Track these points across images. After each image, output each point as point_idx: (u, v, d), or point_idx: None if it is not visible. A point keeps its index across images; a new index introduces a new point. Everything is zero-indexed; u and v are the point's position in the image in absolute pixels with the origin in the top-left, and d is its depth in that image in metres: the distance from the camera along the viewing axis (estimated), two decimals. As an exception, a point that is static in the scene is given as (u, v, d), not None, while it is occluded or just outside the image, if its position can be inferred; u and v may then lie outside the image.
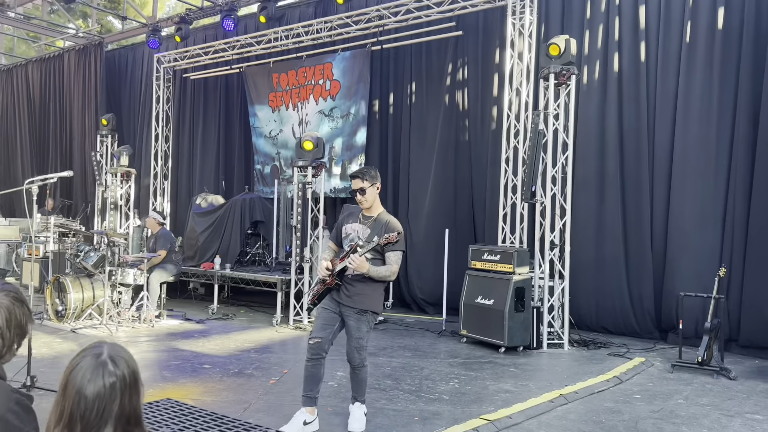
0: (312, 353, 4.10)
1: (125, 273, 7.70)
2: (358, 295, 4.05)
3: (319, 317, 4.17)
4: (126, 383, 1.55)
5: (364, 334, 4.10)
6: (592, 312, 8.02)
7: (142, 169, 12.75)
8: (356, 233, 4.15)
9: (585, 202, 8.03)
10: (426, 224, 9.40)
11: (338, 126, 10.18)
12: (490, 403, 4.85)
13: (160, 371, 5.60)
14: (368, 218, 4.17)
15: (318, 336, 4.09)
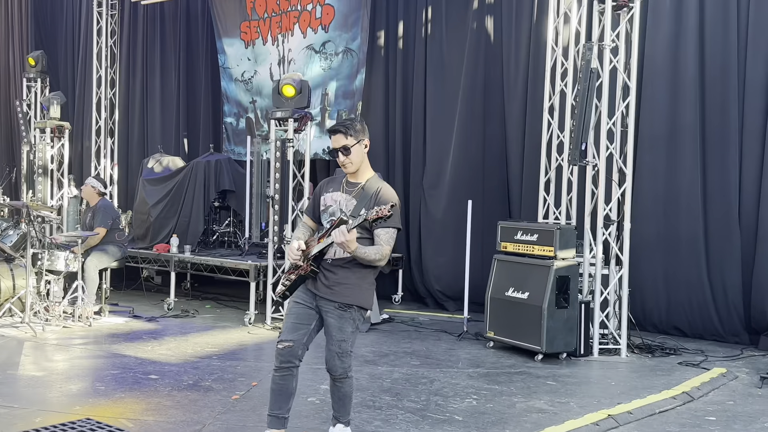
0: (281, 361, 4.08)
1: (55, 257, 7.75)
2: (340, 284, 4.02)
3: (290, 314, 4.14)
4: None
5: (348, 335, 4.06)
6: (661, 308, 7.99)
7: (82, 123, 12.78)
8: (338, 205, 4.10)
9: (651, 164, 7.92)
10: (446, 196, 9.38)
11: (332, 66, 10.10)
12: (516, 425, 4.83)
13: (92, 383, 5.64)
14: (354, 185, 4.13)
15: (288, 339, 4.08)
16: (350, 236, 3.79)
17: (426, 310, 9.41)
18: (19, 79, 13.26)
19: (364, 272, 4.07)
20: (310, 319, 4.11)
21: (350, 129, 4.06)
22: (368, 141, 4.16)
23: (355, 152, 4.07)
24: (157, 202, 9.73)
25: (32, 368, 6.03)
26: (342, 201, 4.11)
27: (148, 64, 12.53)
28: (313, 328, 4.14)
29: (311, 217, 4.31)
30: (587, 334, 6.96)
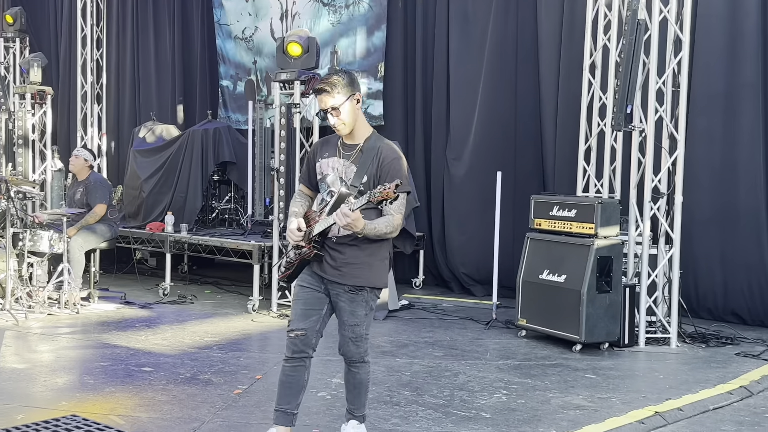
0: (293, 351, 4.09)
1: (38, 237, 7.83)
2: (349, 265, 4.00)
3: (298, 300, 4.14)
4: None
5: (361, 319, 4.06)
6: (716, 292, 7.98)
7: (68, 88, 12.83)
8: (336, 173, 4.05)
9: (706, 129, 7.85)
10: (471, 166, 9.37)
11: (342, 20, 10.06)
12: (550, 423, 4.85)
13: (80, 376, 5.73)
14: (351, 148, 4.05)
15: (300, 327, 4.07)
16: (354, 216, 3.73)
17: (450, 295, 9.44)
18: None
19: (374, 248, 4.03)
20: (320, 304, 4.11)
21: (337, 85, 3.93)
22: (360, 94, 4.04)
23: (345, 111, 3.96)
24: (149, 176, 9.79)
25: (14, 360, 6.12)
26: (340, 168, 4.04)
27: (139, 21, 12.53)
28: (325, 313, 4.14)
29: (307, 184, 4.26)
30: (632, 321, 6.95)
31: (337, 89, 3.93)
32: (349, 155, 4.04)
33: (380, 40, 9.84)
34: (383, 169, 3.94)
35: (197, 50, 11.96)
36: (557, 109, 8.85)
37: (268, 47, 10.73)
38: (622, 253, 6.93)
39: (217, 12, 11.44)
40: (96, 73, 12.30)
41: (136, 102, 12.59)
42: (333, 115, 3.96)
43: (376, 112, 10.05)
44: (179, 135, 10.03)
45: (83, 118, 12.27)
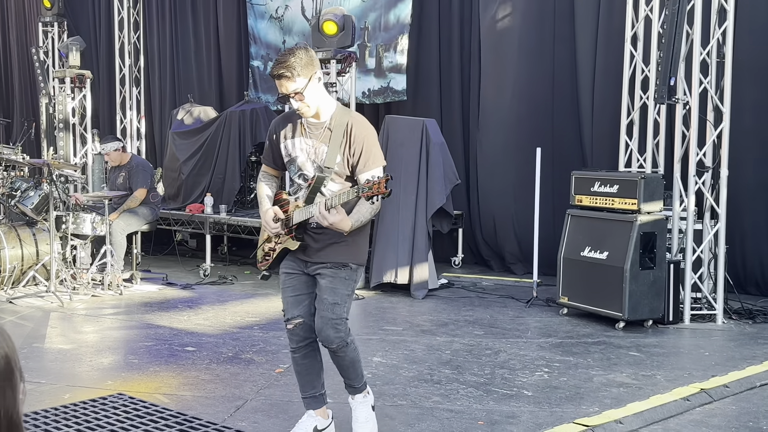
0: (297, 341, 4.05)
1: (80, 220, 7.97)
2: (332, 245, 3.89)
3: (286, 288, 4.06)
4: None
5: (342, 298, 3.91)
6: (765, 267, 7.91)
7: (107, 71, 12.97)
8: (306, 155, 3.89)
9: (753, 100, 7.72)
10: (509, 142, 9.33)
11: None
12: (593, 401, 4.84)
13: (124, 356, 5.84)
14: (318, 127, 3.87)
15: (296, 315, 4.01)
16: (337, 217, 3.64)
17: (490, 273, 9.44)
18: (34, 23, 13.51)
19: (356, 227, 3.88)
20: (308, 287, 4.01)
21: (294, 68, 3.70)
22: (320, 71, 3.87)
23: (309, 92, 3.75)
24: (188, 158, 9.89)
25: (60, 340, 6.26)
26: (308, 149, 3.88)
27: (175, 4, 12.60)
28: (315, 294, 4.00)
29: (272, 165, 4.11)
30: (677, 298, 6.90)
31: (297, 71, 3.70)
32: (318, 134, 3.87)
33: (403, 12, 9.74)
34: (355, 146, 3.81)
35: (233, 31, 12.00)
36: (594, 83, 8.75)
37: (298, 25, 10.77)
38: (666, 228, 6.89)
39: (249, -9, 11.48)
40: (134, 56, 12.42)
41: (174, 84, 12.69)
42: (296, 99, 3.76)
43: (398, 86, 9.96)
44: (217, 116, 10.10)
45: (122, 101, 12.42)
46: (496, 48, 9.40)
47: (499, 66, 9.39)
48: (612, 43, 8.37)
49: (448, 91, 9.99)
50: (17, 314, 7.09)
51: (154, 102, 12.81)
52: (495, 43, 9.39)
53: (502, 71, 9.35)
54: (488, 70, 9.45)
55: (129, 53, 12.36)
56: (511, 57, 9.27)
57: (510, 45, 9.27)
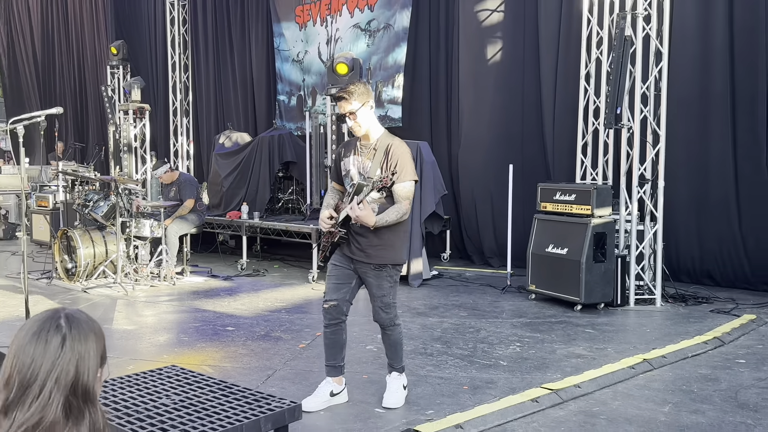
0: (329, 319, 4.09)
1: (141, 225, 7.95)
2: (373, 247, 3.93)
3: (331, 275, 4.10)
4: (74, 345, 1.57)
5: (387, 290, 4.02)
6: (695, 258, 7.81)
7: (162, 104, 12.99)
8: (356, 169, 3.98)
9: (684, 126, 7.66)
10: (487, 159, 9.24)
11: (375, 41, 10.03)
12: (557, 369, 4.81)
13: (177, 335, 5.83)
14: (367, 147, 3.97)
15: (333, 298, 4.05)
16: (363, 212, 3.69)
17: (472, 266, 9.40)
18: (104, 66, 13.53)
19: (392, 231, 3.96)
20: (349, 278, 4.06)
21: (353, 93, 3.85)
22: (373, 102, 3.98)
23: (361, 116, 3.88)
24: (228, 174, 9.87)
25: (125, 323, 6.26)
26: (359, 164, 3.98)
27: (214, 50, 12.62)
28: (354, 286, 4.09)
29: (336, 181, 4.21)
30: (623, 285, 6.84)
31: (354, 97, 3.84)
32: (366, 153, 3.97)
33: (400, 55, 9.74)
34: (391, 162, 3.86)
35: (263, 71, 12.01)
36: (555, 112, 8.69)
37: (315, 67, 10.78)
38: (614, 229, 6.82)
39: (277, 40, 11.47)
40: (183, 92, 12.43)
41: (216, 114, 12.69)
42: (350, 119, 3.89)
43: (395, 115, 9.97)
44: (251, 140, 10.08)
45: (175, 128, 12.42)
46: (475, 84, 9.34)
47: (477, 99, 9.33)
48: (569, 79, 8.30)
49: (436, 119, 9.96)
50: (90, 301, 7.08)
51: (201, 129, 12.82)
52: (474, 81, 9.32)
53: (480, 103, 9.29)
54: (469, 103, 9.40)
55: (180, 90, 12.37)
56: (488, 92, 9.20)
57: (486, 82, 9.21)
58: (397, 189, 3.86)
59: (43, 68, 16.18)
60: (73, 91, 15.29)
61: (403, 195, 3.87)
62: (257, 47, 12.03)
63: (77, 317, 1.67)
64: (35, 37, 16.20)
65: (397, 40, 9.74)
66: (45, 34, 15.94)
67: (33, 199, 10.86)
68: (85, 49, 14.88)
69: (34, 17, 16.18)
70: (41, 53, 16.12)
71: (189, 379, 3.41)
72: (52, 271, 8.02)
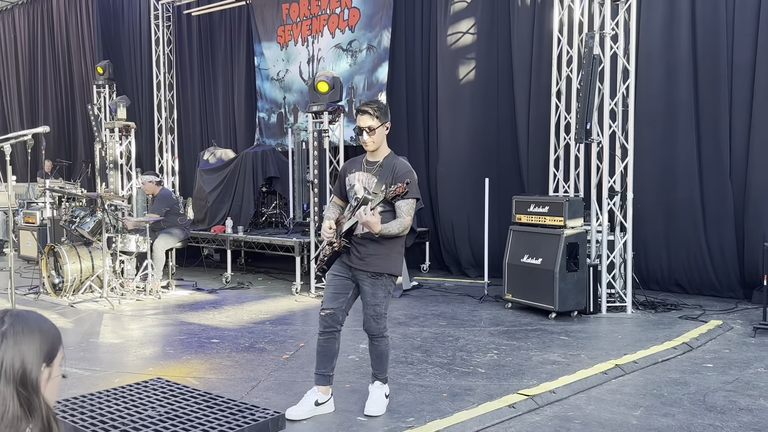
0: (324, 326, 4.10)
1: (127, 240, 7.87)
2: (371, 256, 4.00)
3: (330, 285, 4.14)
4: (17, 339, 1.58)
5: (381, 300, 4.06)
6: (663, 267, 7.89)
7: (148, 122, 12.91)
8: (361, 184, 4.06)
9: (651, 139, 7.77)
10: (464, 174, 9.27)
11: (357, 61, 10.05)
12: (533, 376, 4.82)
13: (162, 347, 5.76)
14: (373, 164, 4.06)
15: (330, 307, 4.09)
16: (373, 218, 3.74)
17: (451, 277, 9.40)
18: (90, 85, 13.43)
19: (392, 243, 4.03)
20: (347, 288, 4.11)
21: (377, 111, 4.00)
22: (390, 124, 4.10)
23: (378, 133, 4.01)
24: (213, 189, 9.81)
25: (111, 336, 6.17)
26: (364, 179, 4.05)
27: (200, 69, 12.59)
28: (351, 296, 4.14)
29: (339, 196, 4.27)
30: (596, 293, 6.90)
31: (378, 114, 3.98)
32: (371, 169, 4.06)
33: (382, 75, 9.79)
34: (396, 179, 3.94)
35: (243, 90, 11.96)
36: (528, 127, 8.76)
37: (297, 85, 10.80)
38: (586, 239, 6.88)
39: (258, 59, 11.47)
40: (168, 110, 12.37)
41: (201, 132, 12.64)
42: (367, 134, 3.99)
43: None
44: (235, 156, 10.04)
45: (160, 145, 12.34)
46: (452, 102, 9.38)
47: (454, 116, 9.37)
48: (542, 96, 8.39)
49: (414, 134, 9.97)
50: (77, 315, 6.98)
51: (186, 146, 12.75)
52: (451, 98, 9.37)
53: (457, 120, 9.33)
54: (446, 119, 9.43)
55: (165, 108, 12.31)
56: (464, 109, 9.25)
57: (462, 99, 9.26)
58: (401, 205, 3.93)
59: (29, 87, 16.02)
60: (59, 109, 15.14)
61: (406, 211, 3.94)
62: (239, 66, 12.00)
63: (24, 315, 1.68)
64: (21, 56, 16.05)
65: (380, 60, 9.78)
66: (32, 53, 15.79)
67: (20, 216, 10.71)
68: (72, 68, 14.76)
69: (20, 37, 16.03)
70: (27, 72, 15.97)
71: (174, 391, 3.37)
72: (40, 286, 7.91)
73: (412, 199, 3.94)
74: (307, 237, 8.34)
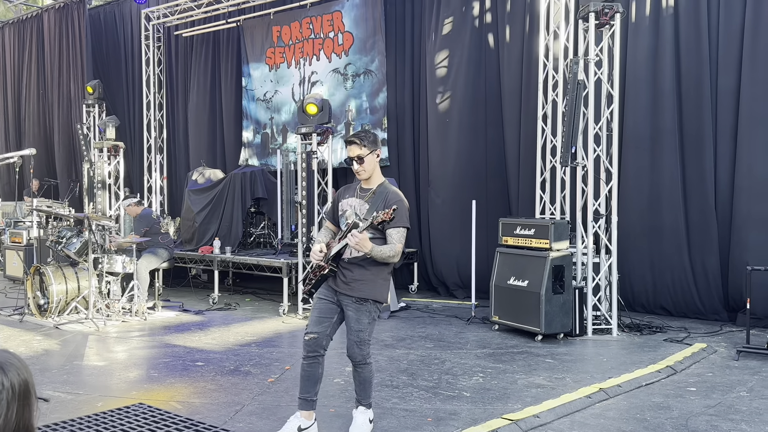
0: (308, 351, 4.09)
1: (113, 261, 7.85)
2: (357, 281, 4.01)
3: (315, 309, 4.14)
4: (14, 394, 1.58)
5: (365, 326, 4.06)
6: (648, 290, 7.93)
7: (138, 141, 12.91)
8: (353, 209, 4.09)
9: (636, 163, 7.85)
10: (453, 196, 9.32)
11: (354, 85, 10.13)
12: (517, 400, 4.83)
13: (147, 371, 5.71)
14: (366, 191, 4.12)
15: (314, 331, 4.08)
16: (362, 237, 3.77)
17: (438, 298, 9.41)
18: (79, 105, 13.43)
19: (378, 269, 4.05)
20: (332, 313, 4.10)
21: (364, 140, 4.02)
22: (380, 151, 4.15)
23: (368, 161, 4.03)
24: (201, 210, 9.81)
25: (95, 358, 6.12)
26: (356, 205, 4.09)
27: (190, 89, 12.62)
28: (336, 321, 4.13)
29: (331, 220, 4.31)
30: (581, 316, 6.92)
31: (365, 143, 4.00)
32: (364, 196, 4.10)
33: (384, 99, 9.89)
34: (387, 206, 3.96)
35: (232, 110, 11.98)
36: (518, 149, 8.83)
37: (287, 106, 10.86)
38: (571, 262, 6.92)
39: (245, 80, 11.55)
40: (158, 130, 12.38)
41: (189, 152, 12.63)
42: (357, 163, 4.03)
43: (383, 155, 10.03)
44: (224, 177, 10.06)
45: (149, 165, 12.34)
46: (441, 126, 9.42)
47: (444, 140, 9.40)
48: (530, 120, 8.48)
49: (403, 157, 10.03)
50: (62, 337, 6.93)
51: (175, 166, 12.75)
52: (440, 122, 9.43)
53: (447, 144, 9.37)
54: (436, 143, 9.50)
55: (154, 128, 12.32)
56: (454, 133, 9.29)
57: (452, 125, 9.32)
58: (392, 232, 3.96)
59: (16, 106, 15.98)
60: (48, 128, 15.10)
61: (397, 238, 3.97)
62: (228, 87, 12.04)
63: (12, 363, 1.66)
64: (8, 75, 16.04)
65: (381, 84, 9.87)
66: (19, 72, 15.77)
67: (6, 235, 10.66)
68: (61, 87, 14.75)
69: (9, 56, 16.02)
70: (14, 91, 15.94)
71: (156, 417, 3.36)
72: (25, 307, 7.85)
73: (402, 227, 3.97)
74: (294, 258, 8.34)
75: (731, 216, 7.37)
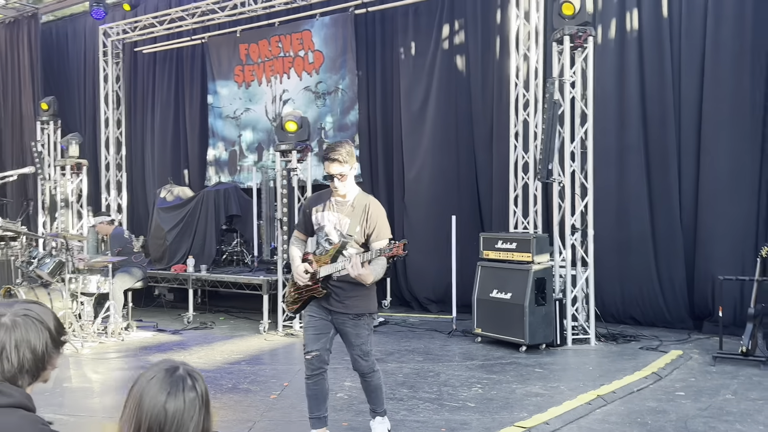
0: (312, 369, 4.07)
1: (87, 280, 7.62)
2: (351, 298, 4.00)
3: (309, 327, 4.10)
4: (203, 401, 1.64)
5: (365, 338, 4.09)
6: (618, 301, 8.18)
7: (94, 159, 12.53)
8: (333, 225, 4.04)
9: (604, 178, 8.09)
10: (426, 213, 9.42)
11: (327, 103, 10.17)
12: (521, 408, 4.94)
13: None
14: (343, 204, 4.05)
15: (315, 349, 4.05)
16: (365, 271, 3.76)
17: (413, 312, 9.46)
18: (31, 122, 12.96)
19: None
20: (327, 328, 4.09)
21: (346, 156, 3.96)
22: (356, 164, 4.14)
23: (348, 177, 4.02)
24: (172, 228, 9.62)
25: (83, 381, 5.94)
26: (335, 220, 4.03)
27: (150, 106, 12.39)
28: (331, 335, 4.13)
29: (303, 231, 4.25)
30: (562, 326, 7.10)
31: (345, 159, 3.95)
32: (343, 210, 4.04)
33: (355, 117, 9.96)
34: (371, 221, 3.96)
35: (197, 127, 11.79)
36: (491, 166, 8.97)
37: (262, 124, 10.80)
38: (552, 274, 7.10)
39: (210, 97, 11.42)
40: (116, 147, 12.08)
41: (148, 170, 12.37)
42: (339, 180, 3.96)
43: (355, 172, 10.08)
44: (195, 194, 9.90)
45: (107, 183, 12.01)
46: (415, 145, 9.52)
47: (418, 158, 9.49)
48: (501, 138, 8.67)
49: (377, 172, 10.04)
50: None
51: (136, 183, 12.44)
52: (414, 140, 9.53)
53: (421, 161, 9.46)
54: (409, 161, 9.60)
55: (113, 144, 12.02)
56: (427, 150, 9.37)
57: (426, 141, 9.42)
58: (376, 246, 3.92)
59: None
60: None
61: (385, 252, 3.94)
62: (192, 104, 11.86)
63: (198, 374, 1.78)
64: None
65: (351, 103, 9.93)
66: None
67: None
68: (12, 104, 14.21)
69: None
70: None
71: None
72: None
73: (386, 239, 3.98)
74: (273, 275, 8.27)
75: (696, 228, 7.73)
